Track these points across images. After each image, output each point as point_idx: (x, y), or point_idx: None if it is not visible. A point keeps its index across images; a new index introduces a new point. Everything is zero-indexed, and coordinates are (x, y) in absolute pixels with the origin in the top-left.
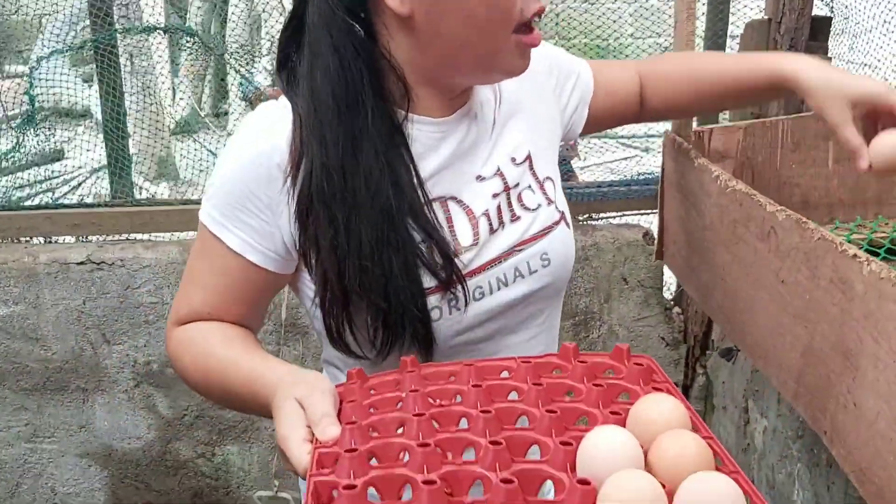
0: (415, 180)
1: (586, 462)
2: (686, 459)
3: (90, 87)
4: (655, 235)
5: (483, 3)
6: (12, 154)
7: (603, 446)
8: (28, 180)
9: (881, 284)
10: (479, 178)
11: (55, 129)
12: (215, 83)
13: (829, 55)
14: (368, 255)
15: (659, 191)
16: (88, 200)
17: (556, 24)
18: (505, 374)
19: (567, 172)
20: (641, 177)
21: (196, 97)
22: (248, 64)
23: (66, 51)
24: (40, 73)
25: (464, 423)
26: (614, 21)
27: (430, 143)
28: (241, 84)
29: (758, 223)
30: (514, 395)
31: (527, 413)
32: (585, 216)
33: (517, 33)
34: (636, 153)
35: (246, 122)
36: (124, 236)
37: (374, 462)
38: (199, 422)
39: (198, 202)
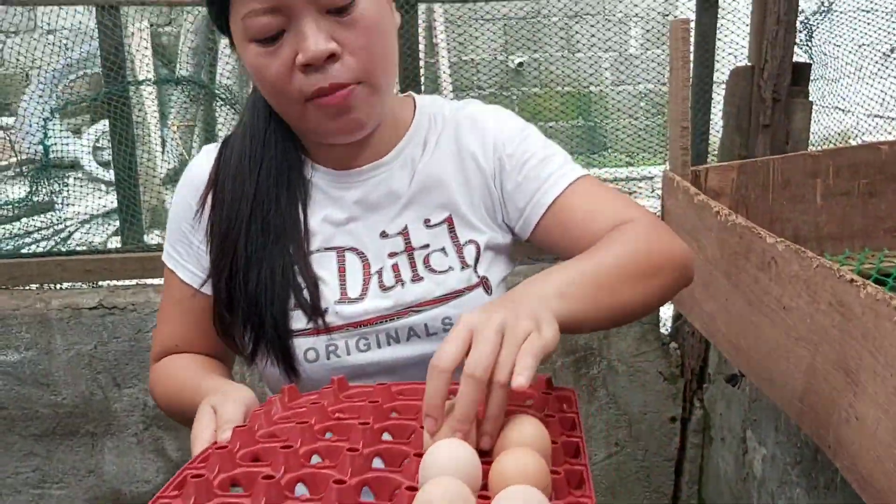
0: (301, 228)
1: (424, 470)
2: (513, 474)
3: (79, 138)
4: None
5: (263, 85)
6: (9, 204)
7: (440, 457)
8: (20, 230)
9: (877, 305)
10: (384, 234)
11: (52, 181)
12: (203, 135)
13: (810, 99)
14: (246, 275)
15: None
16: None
17: (539, 73)
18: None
19: None
20: None
21: (185, 147)
22: (237, 114)
23: (80, 102)
24: (29, 126)
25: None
26: (594, 70)
27: (331, 192)
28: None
29: (758, 254)
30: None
31: (415, 431)
32: None
33: (313, 100)
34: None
35: (190, 164)
36: (135, 281)
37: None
38: None
39: None
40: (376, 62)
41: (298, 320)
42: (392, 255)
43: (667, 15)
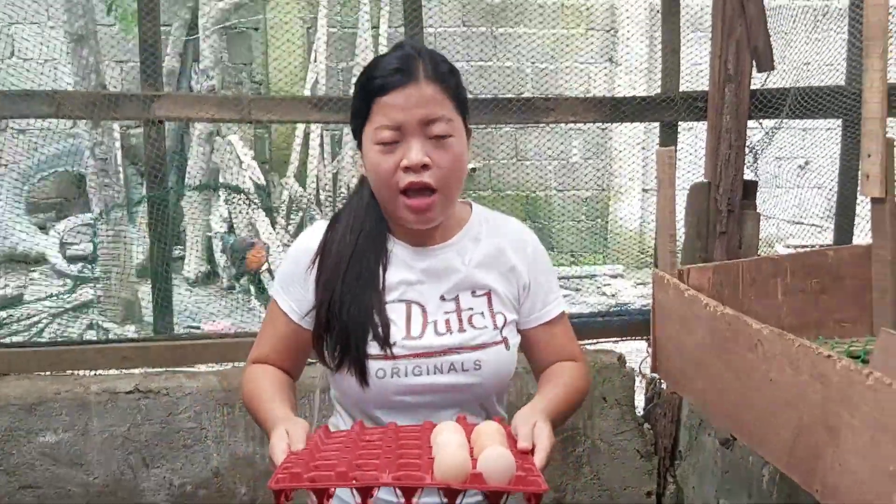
0: (380, 284)
1: (435, 446)
2: (486, 443)
3: (46, 234)
4: (648, 353)
5: (371, 170)
6: None
7: (445, 436)
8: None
9: (851, 375)
10: (442, 297)
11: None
12: (171, 230)
13: (758, 211)
14: (341, 309)
15: (651, 317)
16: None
17: (490, 178)
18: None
19: None
20: (613, 310)
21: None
22: (205, 211)
23: (131, 205)
24: None
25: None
26: (540, 176)
27: (405, 260)
28: (222, 238)
29: (745, 338)
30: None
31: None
32: None
33: (404, 195)
34: (568, 293)
35: (305, 232)
36: (164, 368)
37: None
38: None
39: (233, 335)
40: (451, 179)
41: (374, 348)
42: (446, 312)
43: (605, 129)
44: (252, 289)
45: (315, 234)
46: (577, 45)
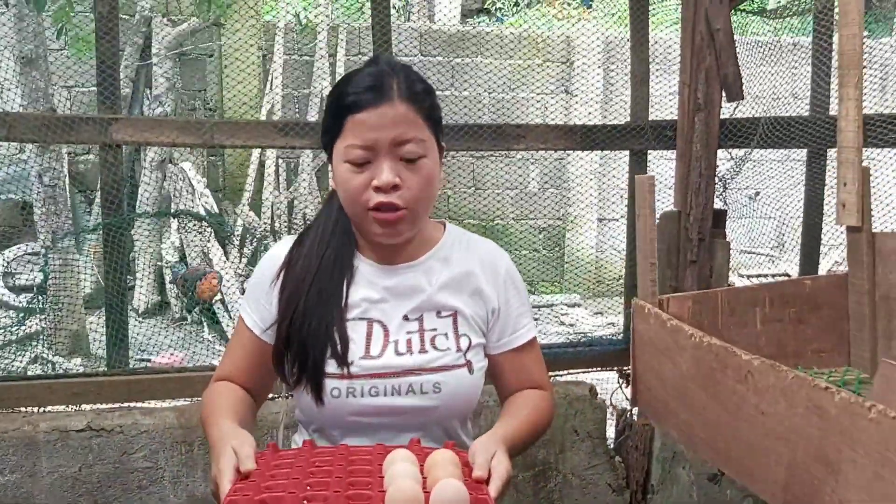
0: (342, 301)
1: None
2: (439, 474)
3: None
4: (627, 384)
5: (341, 187)
6: None
7: (398, 466)
8: None
9: (852, 407)
10: (405, 317)
11: None
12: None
13: (728, 239)
14: (302, 324)
15: (631, 348)
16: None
17: (448, 207)
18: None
19: None
20: (584, 340)
21: (101, 272)
22: (156, 240)
23: (81, 232)
24: None
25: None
26: (498, 205)
27: (371, 278)
28: (172, 268)
29: (734, 369)
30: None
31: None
32: None
33: (373, 211)
34: None
35: (275, 245)
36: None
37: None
38: None
39: (192, 369)
40: (421, 198)
41: (331, 366)
42: (408, 332)
43: (561, 158)
44: (204, 320)
45: (284, 246)
46: (533, 75)
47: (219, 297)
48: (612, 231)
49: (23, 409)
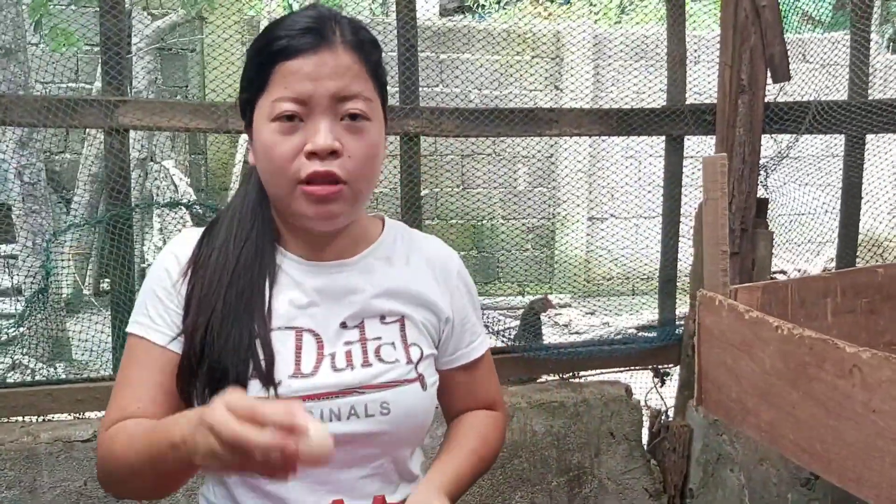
0: (265, 306)
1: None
2: None
3: None
4: (693, 384)
5: (264, 156)
6: None
7: None
8: None
9: None
10: (343, 324)
11: None
12: (98, 261)
13: (770, 228)
14: (219, 335)
15: (696, 343)
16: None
17: (436, 206)
18: None
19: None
20: (619, 336)
21: (80, 275)
22: (138, 241)
23: (84, 225)
24: None
25: None
26: (486, 204)
27: (296, 277)
28: None
29: (835, 363)
30: None
31: None
32: (569, 374)
33: (304, 184)
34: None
35: (173, 240)
36: None
37: None
38: None
39: None
40: (364, 172)
41: (254, 388)
42: (347, 343)
43: (550, 156)
44: None
45: (187, 240)
46: (523, 71)
47: None
48: (603, 230)
49: (21, 418)
